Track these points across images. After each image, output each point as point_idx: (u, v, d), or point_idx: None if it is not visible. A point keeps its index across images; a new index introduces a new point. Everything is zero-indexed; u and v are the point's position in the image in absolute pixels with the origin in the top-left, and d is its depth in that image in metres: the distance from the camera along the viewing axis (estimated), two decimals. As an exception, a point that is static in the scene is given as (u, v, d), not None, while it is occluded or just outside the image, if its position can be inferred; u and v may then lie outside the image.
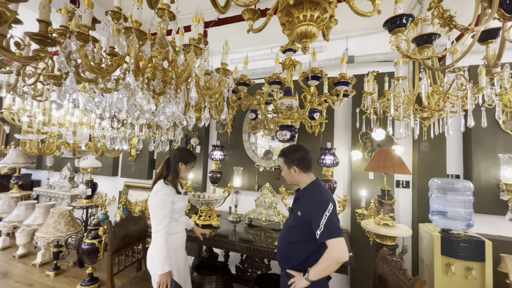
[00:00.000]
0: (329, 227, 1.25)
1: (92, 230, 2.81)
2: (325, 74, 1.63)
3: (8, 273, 2.94)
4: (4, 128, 4.47)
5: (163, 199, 1.58)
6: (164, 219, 1.56)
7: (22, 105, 2.74)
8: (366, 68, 2.65)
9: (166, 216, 1.57)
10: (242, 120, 3.15)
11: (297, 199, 1.48)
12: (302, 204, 1.41)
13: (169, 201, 1.60)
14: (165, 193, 1.60)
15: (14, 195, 3.73)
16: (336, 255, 1.22)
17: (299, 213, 1.39)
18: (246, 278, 2.64)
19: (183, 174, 1.75)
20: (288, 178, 1.52)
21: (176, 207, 1.66)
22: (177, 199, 1.67)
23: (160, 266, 1.51)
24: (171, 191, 1.64)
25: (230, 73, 1.29)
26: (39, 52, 0.94)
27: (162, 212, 1.56)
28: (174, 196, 1.65)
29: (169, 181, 1.69)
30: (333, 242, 1.23)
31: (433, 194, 2.08)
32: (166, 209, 1.58)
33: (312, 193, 1.41)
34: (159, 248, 1.53)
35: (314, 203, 1.34)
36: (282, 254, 1.46)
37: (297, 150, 1.50)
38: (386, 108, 1.79)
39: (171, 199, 1.62)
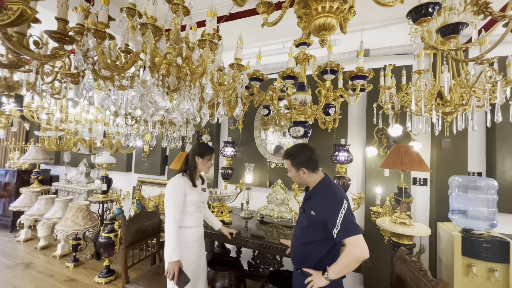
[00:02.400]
0: (346, 225, 1.22)
1: (108, 224, 2.89)
2: (341, 67, 1.58)
3: (31, 263, 3.09)
4: (24, 126, 4.64)
5: (175, 189, 1.62)
6: (174, 208, 1.59)
7: (40, 103, 2.83)
8: (382, 62, 2.56)
9: (177, 205, 1.60)
10: (253, 117, 3.13)
11: (308, 198, 1.44)
12: (315, 203, 1.37)
13: (181, 191, 1.63)
14: (177, 183, 1.64)
15: (34, 189, 3.89)
16: (356, 253, 1.19)
17: (313, 213, 1.36)
18: (258, 274, 2.65)
19: (201, 168, 1.76)
20: (297, 180, 1.47)
21: (189, 199, 1.67)
22: (191, 192, 1.68)
23: (169, 254, 1.55)
24: (185, 183, 1.66)
25: (245, 68, 1.26)
26: (58, 50, 0.95)
27: (173, 201, 1.60)
28: (188, 188, 1.66)
29: (187, 174, 1.73)
30: (352, 239, 1.21)
31: (454, 192, 1.99)
32: (177, 198, 1.61)
33: (324, 191, 1.38)
34: (168, 236, 1.57)
35: (328, 202, 1.31)
36: (297, 255, 1.43)
37: (303, 151, 1.43)
38: (405, 103, 1.72)
39: (183, 190, 1.64)
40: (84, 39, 0.95)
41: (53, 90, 2.01)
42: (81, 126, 2.74)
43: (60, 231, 2.88)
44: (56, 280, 2.73)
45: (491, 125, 1.46)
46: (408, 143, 2.19)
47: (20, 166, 4.33)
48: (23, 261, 3.14)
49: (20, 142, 4.76)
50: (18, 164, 4.32)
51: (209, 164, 1.79)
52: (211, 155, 1.80)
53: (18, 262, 3.10)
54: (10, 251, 3.40)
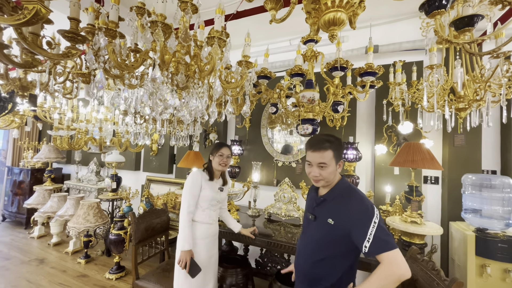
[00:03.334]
0: (382, 237, 1.00)
1: (118, 222, 2.95)
2: (351, 64, 1.56)
3: (44, 259, 3.18)
4: (37, 125, 4.77)
5: (192, 181, 1.69)
6: (189, 200, 1.65)
7: (53, 103, 2.91)
8: (391, 58, 2.51)
9: (192, 197, 1.66)
10: (260, 115, 3.12)
11: (320, 203, 1.19)
12: (334, 210, 1.14)
13: (197, 185, 1.69)
14: (195, 176, 1.71)
15: (47, 187, 3.99)
16: (398, 271, 0.96)
17: (331, 221, 1.12)
18: (265, 272, 2.65)
19: (214, 164, 1.79)
20: (331, 177, 1.16)
21: (202, 194, 1.71)
22: (206, 187, 1.72)
23: (181, 243, 1.61)
24: (202, 176, 1.72)
25: (253, 65, 1.26)
26: (71, 49, 0.97)
27: (189, 193, 1.67)
28: (204, 182, 1.71)
29: (207, 169, 1.80)
30: (391, 255, 0.98)
31: (467, 191, 1.94)
32: (192, 190, 1.67)
33: (347, 195, 1.15)
34: (181, 226, 1.64)
35: (354, 209, 1.09)
36: (309, 275, 1.19)
37: (339, 139, 1.21)
38: (416, 99, 1.68)
39: (200, 183, 1.70)
40: (95, 38, 0.97)
41: (64, 90, 2.06)
42: (92, 126, 2.80)
43: (72, 228, 2.95)
44: (69, 276, 2.80)
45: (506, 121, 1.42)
46: (419, 141, 2.14)
47: (34, 165, 4.46)
48: (37, 257, 3.24)
49: (34, 141, 4.90)
50: (31, 163, 4.45)
51: (218, 160, 1.78)
52: (219, 150, 1.78)
53: (32, 258, 3.19)
54: (24, 247, 3.51)
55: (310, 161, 1.18)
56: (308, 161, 1.19)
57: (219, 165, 1.77)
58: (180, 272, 1.65)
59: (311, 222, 1.23)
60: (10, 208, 4.46)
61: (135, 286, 1.90)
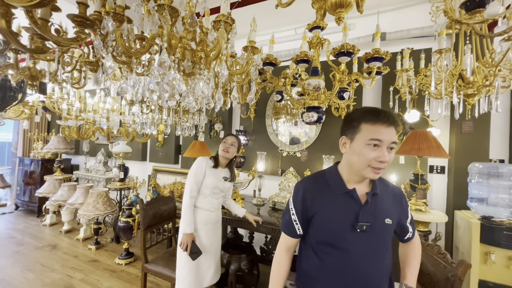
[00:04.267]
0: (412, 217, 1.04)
1: (126, 210, 3.03)
2: (357, 49, 1.53)
3: (57, 245, 3.30)
4: (46, 116, 4.86)
5: (197, 166, 1.73)
6: (192, 185, 1.69)
7: (61, 94, 2.95)
8: (399, 46, 2.46)
9: (195, 183, 1.70)
10: (265, 105, 3.12)
11: (370, 201, 0.91)
12: (386, 205, 0.93)
13: (201, 171, 1.72)
14: (200, 162, 1.74)
15: (57, 177, 4.10)
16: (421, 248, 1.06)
17: (389, 221, 0.92)
18: (270, 259, 2.70)
19: (219, 152, 1.82)
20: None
21: (205, 181, 1.73)
22: (209, 174, 1.74)
23: (183, 225, 1.64)
24: (207, 163, 1.75)
25: (259, 50, 1.26)
26: (80, 34, 0.99)
27: (193, 179, 1.70)
28: (208, 169, 1.74)
29: (214, 157, 1.84)
30: (417, 235, 1.06)
31: (473, 179, 1.93)
32: (196, 176, 1.70)
33: (386, 182, 1.02)
34: (183, 209, 1.67)
35: (398, 194, 1.00)
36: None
37: None
38: (423, 86, 1.66)
39: (204, 170, 1.72)
40: (104, 23, 0.98)
41: (72, 79, 2.09)
42: (99, 116, 2.84)
43: (82, 216, 3.04)
44: (81, 261, 2.91)
45: (516, 108, 1.39)
46: (425, 130, 2.12)
47: (44, 155, 4.57)
48: (50, 243, 3.36)
49: (43, 132, 5.01)
50: (41, 153, 4.56)
51: (221, 147, 1.81)
52: (225, 137, 1.83)
53: (45, 244, 3.32)
54: (37, 234, 3.65)
55: (380, 139, 0.81)
56: (375, 139, 0.82)
57: (222, 151, 1.79)
58: (182, 256, 1.70)
59: (358, 235, 0.89)
60: (23, 197, 4.61)
61: (144, 269, 1.97)
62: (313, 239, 0.96)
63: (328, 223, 0.92)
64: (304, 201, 0.95)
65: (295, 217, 0.97)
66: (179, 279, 1.70)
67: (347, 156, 0.92)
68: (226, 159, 1.83)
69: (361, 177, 0.91)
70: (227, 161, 1.86)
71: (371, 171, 0.84)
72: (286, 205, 1.04)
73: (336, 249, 0.91)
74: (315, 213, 0.93)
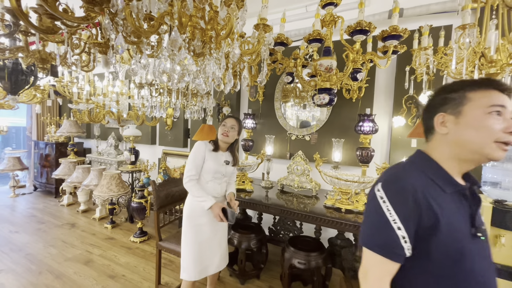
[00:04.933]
0: None
1: (139, 191, 3.13)
2: (374, 27, 1.46)
3: (75, 224, 3.48)
4: (58, 100, 4.93)
5: (194, 151, 1.65)
6: (191, 169, 1.61)
7: (70, 78, 2.97)
8: (417, 23, 2.32)
9: (194, 167, 1.62)
10: (274, 88, 3.07)
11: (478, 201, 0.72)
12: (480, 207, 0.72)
13: (200, 155, 1.64)
14: (197, 146, 1.66)
15: (72, 160, 4.24)
16: None
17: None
18: (278, 239, 2.79)
19: (218, 134, 1.72)
20: None
21: (205, 165, 1.66)
22: (209, 158, 1.66)
23: (201, 205, 1.57)
24: (206, 147, 1.67)
25: (270, 28, 1.21)
26: (90, 12, 0.97)
27: (192, 163, 1.62)
28: (207, 153, 1.66)
29: (213, 140, 1.75)
30: None
31: (488, 163, 1.89)
32: (196, 160, 1.63)
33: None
34: (191, 191, 1.61)
35: None
36: None
37: None
38: (442, 65, 1.58)
39: (203, 154, 1.65)
40: (113, 1, 0.95)
41: (81, 62, 2.09)
42: (108, 99, 2.86)
43: (97, 196, 3.17)
44: (98, 238, 3.07)
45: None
46: (440, 112, 2.06)
47: (57, 139, 4.70)
48: (68, 221, 3.55)
49: (55, 116, 5.11)
50: (55, 137, 4.69)
51: (221, 130, 1.71)
52: (224, 120, 1.72)
53: (64, 222, 3.51)
54: (56, 213, 3.85)
55: (503, 104, 0.65)
56: (497, 105, 0.65)
57: (221, 135, 1.69)
58: (187, 244, 1.65)
59: (478, 247, 0.68)
60: (40, 179, 4.81)
61: (159, 246, 2.06)
62: (429, 260, 0.67)
63: (451, 233, 0.65)
64: (419, 205, 0.65)
65: (403, 232, 0.66)
66: (184, 267, 1.66)
67: (452, 137, 0.70)
68: (226, 143, 1.74)
69: (474, 162, 0.70)
70: (227, 145, 1.77)
71: (498, 148, 0.65)
72: (368, 212, 0.74)
73: (462, 271, 0.66)
74: (437, 221, 0.65)
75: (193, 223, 1.65)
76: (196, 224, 1.65)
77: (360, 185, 1.88)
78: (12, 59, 2.11)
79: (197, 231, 1.65)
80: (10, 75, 2.17)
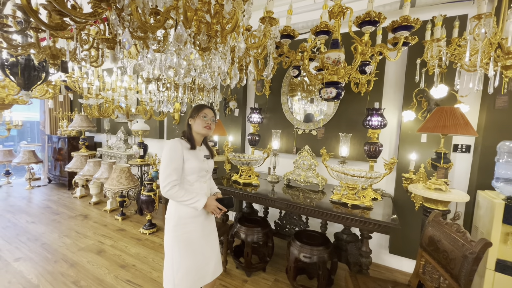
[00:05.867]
0: None
1: (147, 185, 3.20)
2: (383, 17, 1.41)
3: (88, 215, 3.61)
4: (69, 96, 5.05)
5: (170, 152, 1.39)
6: (171, 173, 1.35)
7: (80, 74, 3.03)
8: (429, 13, 2.23)
9: (174, 170, 1.36)
10: (280, 82, 3.04)
11: None
12: None
13: (178, 155, 1.39)
14: (172, 146, 1.40)
15: (83, 153, 4.36)
16: None
17: None
18: (284, 233, 2.81)
19: (196, 128, 1.48)
20: None
21: (188, 166, 1.42)
22: (189, 157, 1.42)
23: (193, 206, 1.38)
24: (182, 145, 1.42)
25: (276, 21, 1.19)
26: (97, 8, 0.98)
27: (170, 166, 1.36)
28: (186, 152, 1.42)
29: (185, 137, 1.50)
30: None
31: (502, 158, 1.83)
32: (174, 162, 1.37)
33: None
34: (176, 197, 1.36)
35: None
36: None
37: None
38: (455, 57, 1.52)
39: (181, 154, 1.40)
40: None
41: (90, 58, 2.12)
42: (117, 94, 2.91)
43: (108, 189, 3.26)
44: (109, 229, 3.18)
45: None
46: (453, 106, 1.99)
47: (69, 133, 4.83)
48: (81, 213, 3.68)
49: (67, 111, 5.25)
50: (67, 131, 4.82)
51: (201, 122, 1.47)
52: (201, 111, 1.48)
53: (77, 214, 3.64)
54: (70, 205, 3.99)
55: None
56: None
57: (203, 128, 1.46)
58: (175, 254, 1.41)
59: None
60: (54, 172, 4.98)
61: (167, 238, 2.12)
62: None
63: None
64: None
65: None
66: (174, 283, 1.39)
67: None
68: (202, 135, 1.52)
69: None
70: (202, 138, 1.56)
71: None
72: None
73: None
74: None
75: (181, 232, 1.41)
76: (185, 232, 1.42)
77: (367, 181, 1.86)
78: (25, 56, 2.16)
79: (187, 240, 1.42)
80: (23, 71, 2.23)
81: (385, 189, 2.52)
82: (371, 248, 1.88)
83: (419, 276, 1.50)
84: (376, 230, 1.71)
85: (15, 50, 1.80)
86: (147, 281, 2.21)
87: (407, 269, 2.49)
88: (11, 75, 2.11)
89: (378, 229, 1.70)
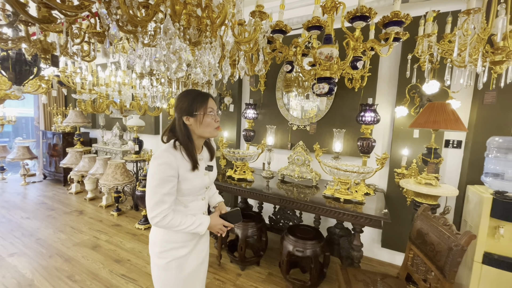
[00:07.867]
0: None
1: (143, 180, 3.20)
2: (374, 12, 1.41)
3: (83, 211, 3.61)
4: (62, 91, 5.00)
5: (159, 172, 1.01)
6: (162, 202, 1.01)
7: (73, 69, 3.00)
8: (423, 9, 2.24)
9: (165, 196, 1.02)
10: (275, 77, 3.03)
11: None
12: None
13: (171, 176, 1.02)
14: (162, 163, 1.02)
15: (78, 149, 4.34)
16: None
17: None
18: (278, 228, 2.84)
19: (199, 131, 1.09)
20: None
21: (185, 187, 1.08)
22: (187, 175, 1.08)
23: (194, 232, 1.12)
24: (176, 159, 1.04)
25: (267, 16, 1.19)
26: (84, 1, 0.97)
27: (160, 191, 1.01)
28: (182, 169, 1.06)
29: (182, 148, 1.09)
30: None
31: (491, 154, 1.85)
32: (165, 187, 1.01)
33: None
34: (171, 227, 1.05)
35: None
36: None
37: None
38: (446, 52, 1.53)
39: (175, 173, 1.04)
40: (106, -12, 0.95)
41: (82, 52, 2.10)
42: (111, 90, 2.89)
43: (103, 185, 3.26)
44: (105, 225, 3.19)
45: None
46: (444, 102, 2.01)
47: (64, 129, 4.80)
48: (77, 209, 3.68)
49: (61, 107, 5.20)
50: (62, 127, 4.78)
51: (212, 121, 1.10)
52: (205, 103, 1.09)
53: (73, 210, 3.64)
54: (65, 201, 3.98)
55: None
56: None
57: (214, 130, 1.11)
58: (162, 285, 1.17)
59: None
60: (49, 168, 4.96)
61: (161, 233, 2.13)
62: None
63: None
64: None
65: None
66: None
67: None
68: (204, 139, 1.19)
69: None
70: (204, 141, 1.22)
71: None
72: None
73: None
74: None
75: (173, 257, 1.14)
76: (179, 257, 1.15)
77: (359, 176, 1.88)
78: (16, 50, 2.13)
79: (181, 266, 1.16)
80: (14, 66, 2.20)
81: (378, 184, 2.55)
82: (364, 243, 1.91)
83: (407, 268, 1.53)
84: (367, 224, 1.74)
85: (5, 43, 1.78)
86: (141, 275, 2.23)
87: (399, 262, 2.54)
88: (2, 70, 2.08)
89: (369, 223, 1.73)
